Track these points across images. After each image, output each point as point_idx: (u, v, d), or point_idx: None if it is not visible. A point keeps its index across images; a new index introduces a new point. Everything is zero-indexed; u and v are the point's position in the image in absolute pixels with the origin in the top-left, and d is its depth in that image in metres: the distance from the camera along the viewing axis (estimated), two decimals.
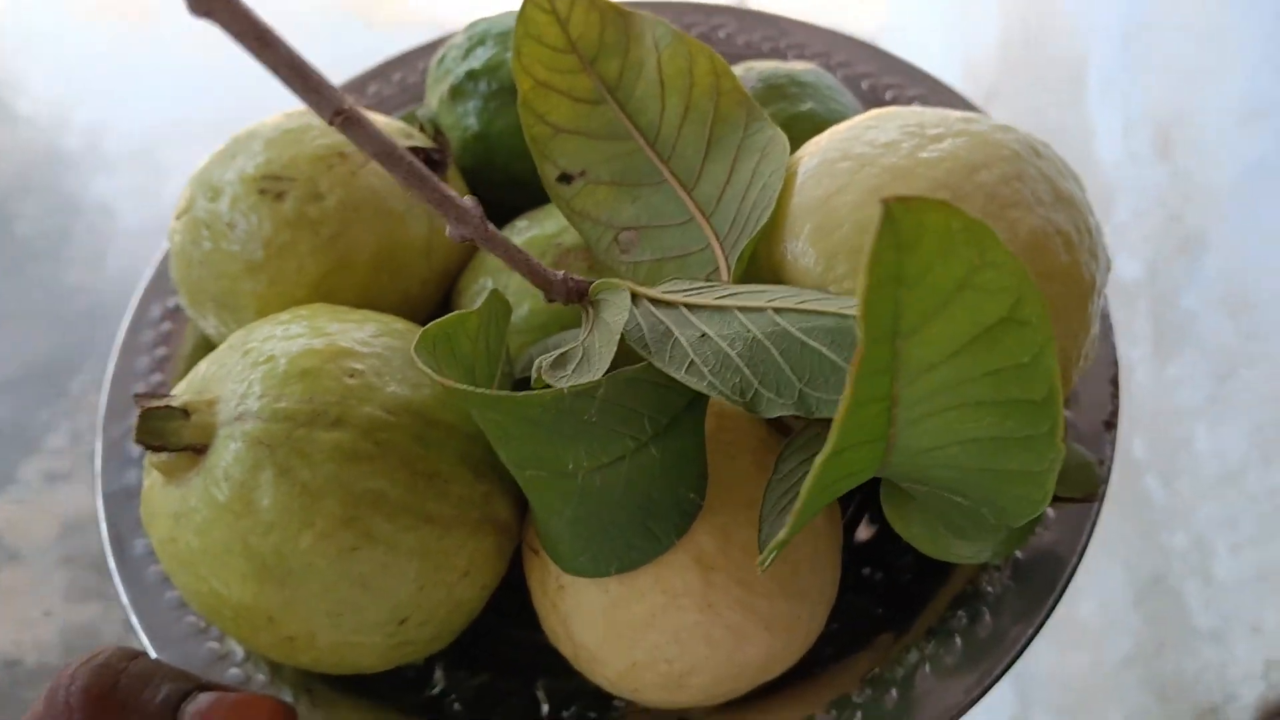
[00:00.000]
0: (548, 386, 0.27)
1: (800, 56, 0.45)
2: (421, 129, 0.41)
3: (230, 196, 0.34)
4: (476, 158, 0.40)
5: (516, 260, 0.25)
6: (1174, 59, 0.54)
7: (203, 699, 0.29)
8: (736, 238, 0.31)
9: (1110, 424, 0.35)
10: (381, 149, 0.20)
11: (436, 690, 0.34)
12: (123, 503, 0.36)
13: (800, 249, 0.29)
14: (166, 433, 0.28)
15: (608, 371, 0.25)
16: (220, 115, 0.43)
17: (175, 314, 0.41)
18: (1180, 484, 0.45)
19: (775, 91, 0.38)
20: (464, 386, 0.25)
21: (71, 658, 0.45)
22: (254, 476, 0.27)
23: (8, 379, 0.51)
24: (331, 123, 0.19)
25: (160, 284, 0.42)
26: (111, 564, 0.35)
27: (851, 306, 0.25)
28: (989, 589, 0.32)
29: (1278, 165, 0.47)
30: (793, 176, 0.31)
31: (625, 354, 0.26)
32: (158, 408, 0.28)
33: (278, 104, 0.41)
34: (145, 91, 0.64)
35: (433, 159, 0.36)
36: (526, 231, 0.36)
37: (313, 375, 0.28)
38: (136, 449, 0.38)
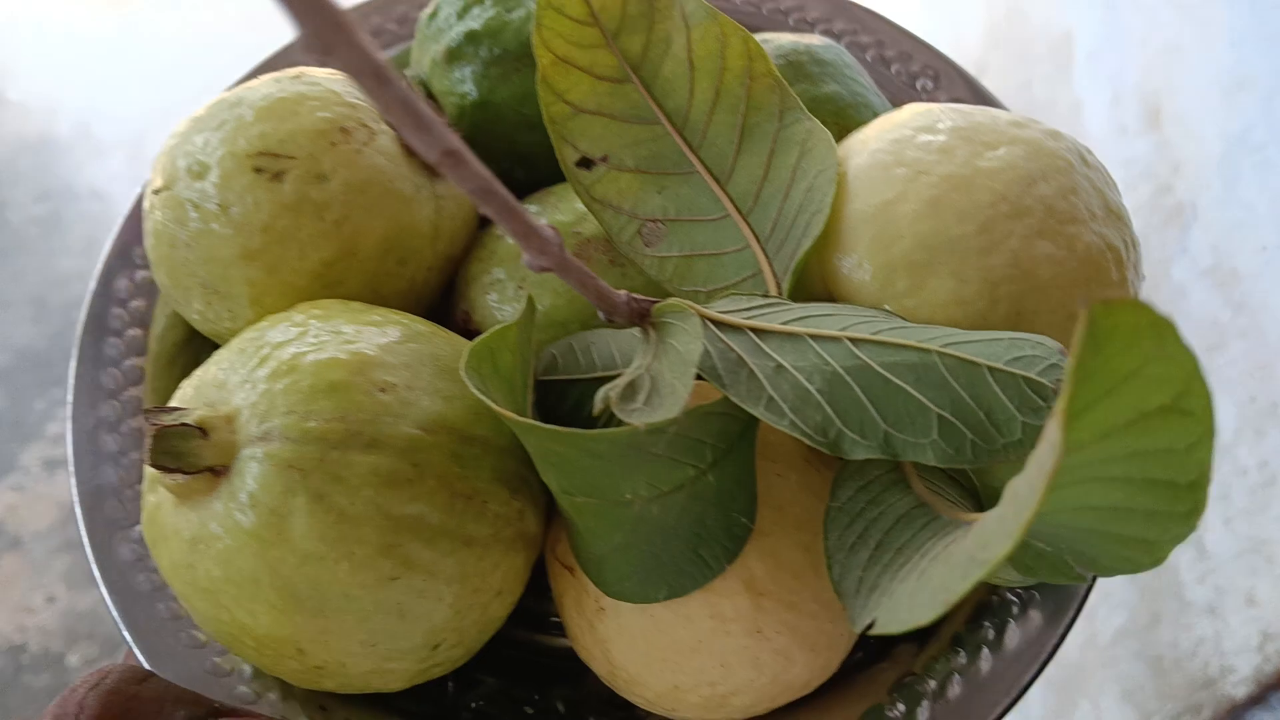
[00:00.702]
0: (606, 411, 0.26)
1: (801, 21, 0.44)
2: None
3: (220, 174, 0.31)
4: (475, 127, 0.37)
5: (588, 286, 0.24)
6: (1159, 31, 0.53)
7: None
8: (782, 242, 0.29)
9: None
10: (480, 186, 0.19)
11: (450, 699, 0.33)
12: (100, 504, 0.34)
13: (855, 262, 0.28)
14: (184, 454, 0.26)
15: None
16: (204, 102, 0.40)
17: (145, 289, 0.38)
18: None
19: (797, 70, 0.36)
20: (531, 421, 0.24)
21: (74, 647, 0.44)
22: (285, 503, 0.25)
23: (2, 368, 0.48)
24: (438, 163, 0.17)
25: (124, 257, 0.38)
26: (97, 574, 0.32)
27: (931, 339, 0.24)
28: (1012, 598, 0.32)
29: (1263, 136, 0.46)
30: (841, 178, 0.29)
31: None
32: (173, 426, 0.26)
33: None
34: (134, 78, 0.61)
35: None
36: (539, 217, 0.34)
37: (342, 390, 0.26)
38: (111, 443, 0.35)
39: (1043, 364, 0.23)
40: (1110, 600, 0.43)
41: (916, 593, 0.20)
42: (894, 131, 0.30)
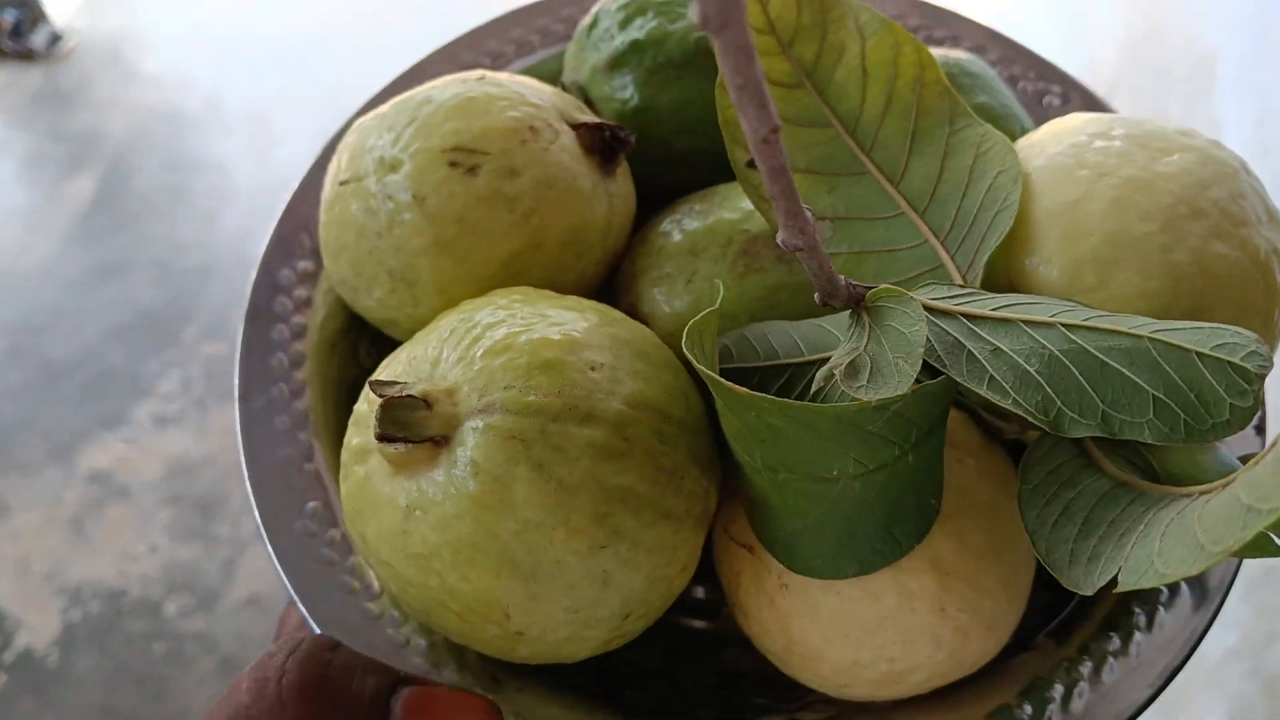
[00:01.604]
0: (817, 390, 0.27)
1: (929, 39, 0.45)
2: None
3: (414, 167, 0.33)
4: (635, 130, 0.38)
5: (825, 267, 0.25)
6: None
7: (413, 694, 0.28)
8: (962, 238, 0.31)
9: (1260, 429, 0.36)
10: (780, 164, 0.20)
11: (611, 674, 0.34)
12: (272, 483, 0.35)
13: (1043, 258, 0.29)
14: (410, 424, 0.27)
15: None
16: (328, 87, 0.42)
17: (305, 278, 0.39)
18: None
19: (950, 82, 0.37)
20: (758, 394, 0.25)
21: (172, 596, 0.45)
22: (509, 471, 0.27)
23: (123, 326, 0.50)
24: (765, 138, 0.19)
25: (284, 247, 0.40)
26: (270, 551, 0.33)
27: (1139, 327, 0.26)
28: (1139, 610, 0.33)
29: None
30: (1024, 177, 0.31)
31: None
32: (400, 398, 0.27)
33: (385, 77, 0.40)
34: (262, 58, 0.63)
35: (619, 136, 0.35)
36: (707, 215, 0.36)
37: (557, 368, 0.28)
38: (281, 423, 0.36)
39: (1244, 350, 0.25)
40: (1221, 620, 0.43)
41: (1164, 551, 0.21)
42: (1070, 137, 0.31)
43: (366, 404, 0.30)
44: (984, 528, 0.29)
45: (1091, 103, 0.43)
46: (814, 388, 0.27)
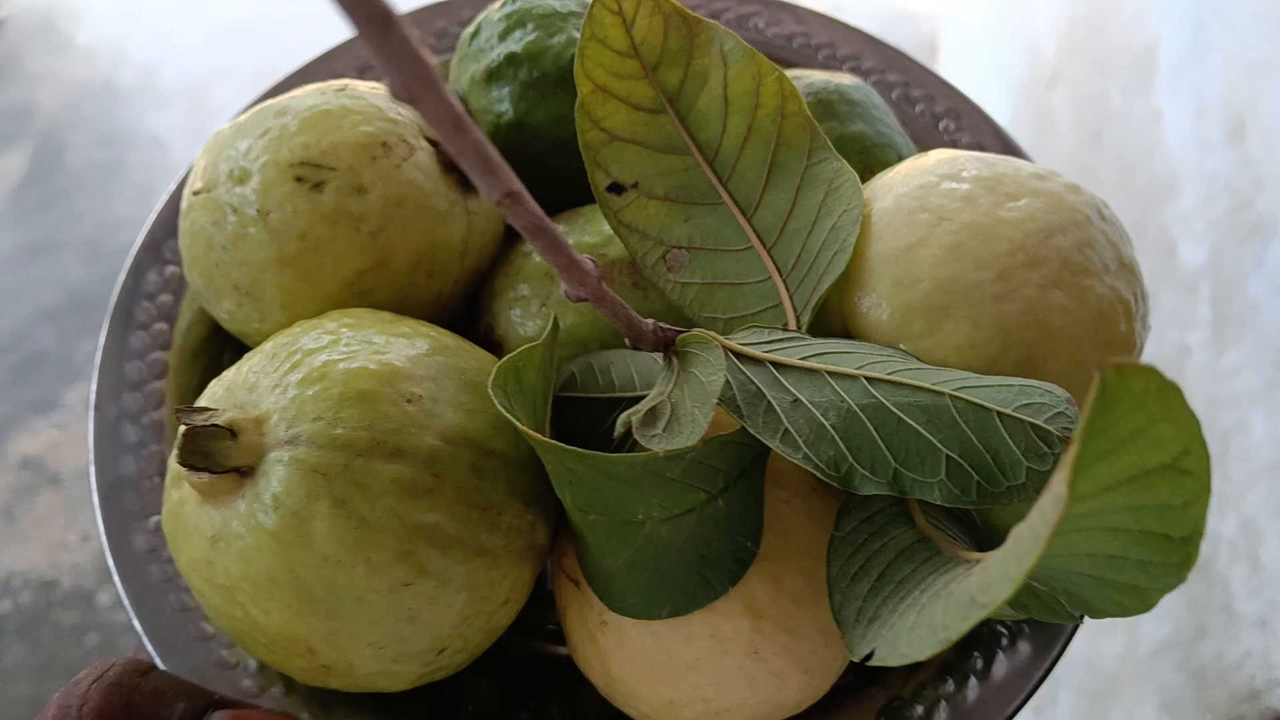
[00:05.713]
0: (626, 433, 0.27)
1: (831, 58, 0.44)
2: None
3: (262, 181, 0.32)
4: (508, 146, 0.38)
5: (619, 315, 0.24)
6: (1250, 48, 0.52)
7: (223, 717, 0.28)
8: (803, 276, 0.30)
9: None
10: (533, 224, 0.19)
11: (448, 702, 0.34)
12: (118, 494, 0.35)
13: (874, 301, 0.29)
14: (213, 454, 0.27)
15: None
16: (267, 60, 0.41)
17: (173, 284, 0.39)
18: (1233, 470, 0.44)
19: (827, 108, 0.37)
20: (553, 442, 0.24)
21: (105, 586, 0.44)
22: (308, 507, 0.26)
23: (52, 307, 0.50)
24: (499, 202, 0.18)
25: (154, 251, 0.39)
26: (111, 564, 0.33)
27: (945, 382, 0.25)
28: (1001, 630, 0.33)
29: None
30: (865, 218, 0.30)
31: None
32: (203, 427, 0.27)
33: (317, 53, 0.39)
34: (200, 31, 0.62)
35: None
36: (567, 238, 0.35)
37: (370, 400, 0.27)
38: (132, 434, 0.36)
39: (1050, 411, 0.24)
40: (1155, 611, 0.42)
41: (915, 627, 0.21)
42: (920, 177, 0.31)
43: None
44: (804, 571, 0.29)
45: (994, 130, 0.43)
46: (616, 431, 0.26)
